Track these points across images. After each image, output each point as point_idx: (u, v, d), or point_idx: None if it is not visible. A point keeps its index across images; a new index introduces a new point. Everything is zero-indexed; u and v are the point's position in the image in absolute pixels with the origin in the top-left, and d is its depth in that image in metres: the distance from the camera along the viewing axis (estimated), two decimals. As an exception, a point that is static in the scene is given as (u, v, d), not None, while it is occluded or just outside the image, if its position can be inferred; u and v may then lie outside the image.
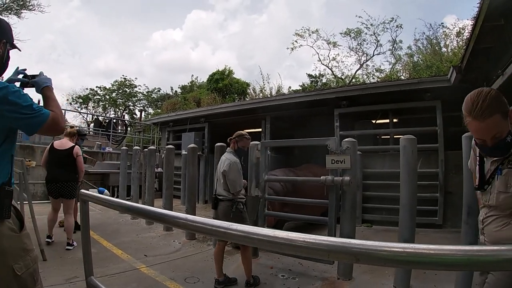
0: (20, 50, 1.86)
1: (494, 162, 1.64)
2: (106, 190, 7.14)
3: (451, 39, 15.34)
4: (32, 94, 1.75)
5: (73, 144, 5.27)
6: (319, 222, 5.10)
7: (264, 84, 18.55)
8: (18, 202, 4.66)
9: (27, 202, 4.37)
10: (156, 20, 62.57)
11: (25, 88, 1.78)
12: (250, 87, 19.45)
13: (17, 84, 1.79)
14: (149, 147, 8.34)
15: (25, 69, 1.84)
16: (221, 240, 3.83)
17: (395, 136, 7.56)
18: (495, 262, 0.63)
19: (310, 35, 22.75)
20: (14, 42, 1.78)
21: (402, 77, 14.81)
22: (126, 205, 1.51)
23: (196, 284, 3.82)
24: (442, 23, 19.91)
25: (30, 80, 1.81)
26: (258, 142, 4.98)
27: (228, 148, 4.14)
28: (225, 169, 3.82)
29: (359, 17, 21.34)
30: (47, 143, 11.01)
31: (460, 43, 13.37)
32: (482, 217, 1.75)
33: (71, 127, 6.74)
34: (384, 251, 0.68)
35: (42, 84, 1.80)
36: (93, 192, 1.92)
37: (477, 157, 1.74)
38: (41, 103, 1.81)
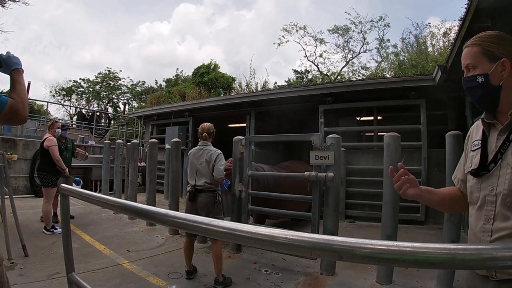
0: None
1: (501, 133, 1.23)
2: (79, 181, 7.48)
3: (437, 39, 15.58)
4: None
5: (46, 137, 5.55)
6: (301, 217, 5.11)
7: (251, 79, 18.52)
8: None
9: (8, 196, 4.24)
10: (143, 12, 62.03)
11: None
12: (235, 82, 19.37)
13: None
14: (132, 141, 8.19)
15: None
16: (189, 235, 3.90)
17: (379, 134, 7.65)
18: (479, 260, 0.63)
19: (297, 31, 22.85)
20: None
21: (388, 75, 14.99)
22: (106, 199, 1.45)
23: (179, 279, 3.79)
24: (429, 23, 20.28)
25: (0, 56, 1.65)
26: (242, 137, 4.95)
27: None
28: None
29: (348, 13, 21.56)
30: (30, 136, 10.77)
31: (447, 43, 13.58)
32: (483, 223, 1.21)
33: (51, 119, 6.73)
34: (368, 248, 0.66)
35: (12, 66, 1.65)
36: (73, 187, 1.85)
37: (479, 140, 1.34)
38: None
